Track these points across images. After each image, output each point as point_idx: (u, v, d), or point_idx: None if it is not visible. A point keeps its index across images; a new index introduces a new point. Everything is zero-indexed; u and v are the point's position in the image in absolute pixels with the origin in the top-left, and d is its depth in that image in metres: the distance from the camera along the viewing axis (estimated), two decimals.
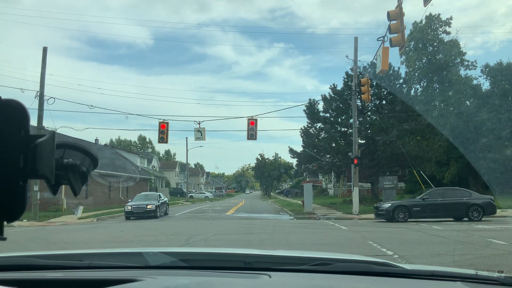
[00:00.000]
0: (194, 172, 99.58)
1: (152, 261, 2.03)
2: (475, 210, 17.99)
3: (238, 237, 12.96)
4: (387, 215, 18.25)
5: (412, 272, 1.86)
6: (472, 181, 38.23)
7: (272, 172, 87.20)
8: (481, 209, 17.99)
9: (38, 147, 0.75)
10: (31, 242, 13.03)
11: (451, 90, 39.00)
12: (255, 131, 23.34)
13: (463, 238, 11.51)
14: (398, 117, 29.30)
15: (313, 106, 31.86)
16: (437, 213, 18.25)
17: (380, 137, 29.88)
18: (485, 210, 18.04)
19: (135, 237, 13.82)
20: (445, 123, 35.31)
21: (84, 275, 1.84)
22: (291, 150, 36.34)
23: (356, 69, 25.10)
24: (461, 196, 18.53)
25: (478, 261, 7.73)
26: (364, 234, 13.09)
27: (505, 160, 33.45)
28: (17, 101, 0.75)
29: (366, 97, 21.40)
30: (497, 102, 35.33)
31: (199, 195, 74.67)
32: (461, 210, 18.10)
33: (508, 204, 22.97)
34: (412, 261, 7.73)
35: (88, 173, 0.96)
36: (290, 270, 1.94)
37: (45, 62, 23.74)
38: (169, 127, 24.07)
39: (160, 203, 25.24)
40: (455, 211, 18.20)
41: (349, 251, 8.94)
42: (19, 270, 1.92)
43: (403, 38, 12.78)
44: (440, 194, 18.95)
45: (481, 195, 19.52)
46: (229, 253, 2.41)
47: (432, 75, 42.47)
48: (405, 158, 27.53)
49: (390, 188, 27.17)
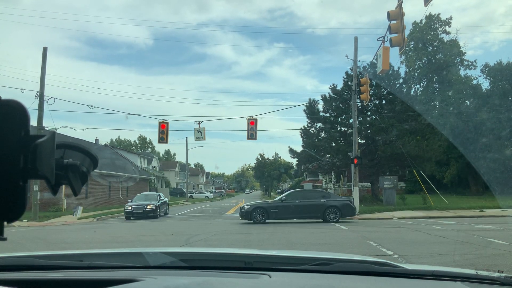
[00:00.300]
0: (194, 172, 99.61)
1: (152, 261, 2.03)
2: (332, 212, 18.23)
3: (238, 237, 12.96)
4: (247, 216, 18.28)
5: (412, 272, 1.86)
6: (472, 180, 38.28)
7: (272, 172, 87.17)
8: (338, 211, 18.27)
9: (38, 147, 0.75)
10: (31, 242, 13.03)
11: (451, 90, 39.01)
12: (255, 131, 23.34)
13: (463, 238, 11.50)
14: (398, 117, 29.30)
15: (313, 106, 31.86)
16: (295, 215, 18.34)
17: (380, 137, 29.89)
18: (342, 211, 18.31)
19: (135, 237, 13.82)
20: (445, 123, 35.32)
21: (84, 275, 1.84)
22: (291, 150, 36.33)
23: (356, 69, 25.09)
24: (319, 198, 18.69)
25: (478, 261, 7.73)
26: (364, 234, 13.09)
27: (505, 160, 33.45)
28: (17, 101, 0.75)
29: (365, 97, 21.39)
30: (497, 102, 35.33)
31: (199, 195, 74.71)
32: (318, 211, 18.24)
33: (508, 203, 22.96)
34: (412, 261, 7.73)
35: (88, 173, 0.96)
36: (290, 270, 1.94)
37: (45, 62, 23.76)
38: (169, 127, 24.07)
39: (160, 203, 25.25)
40: (313, 213, 18.26)
41: (349, 251, 8.94)
42: (19, 270, 1.92)
43: (403, 38, 12.78)
44: (299, 196, 19.08)
45: (340, 197, 19.56)
46: (229, 253, 2.41)
47: (432, 75, 42.48)
48: (405, 158, 27.53)
49: (390, 188, 27.19)
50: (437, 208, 24.10)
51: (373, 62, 28.05)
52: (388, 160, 30.17)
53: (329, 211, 18.24)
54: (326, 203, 18.40)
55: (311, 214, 18.31)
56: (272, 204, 18.81)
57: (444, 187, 37.22)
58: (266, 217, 18.19)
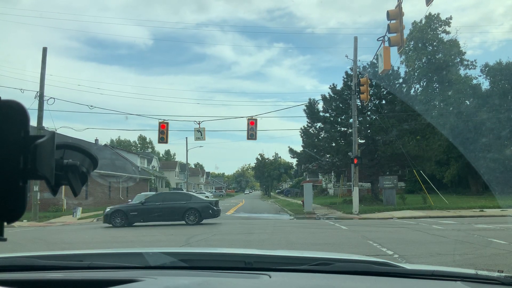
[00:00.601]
0: (194, 172, 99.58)
1: (152, 261, 2.03)
2: (192, 214, 18.18)
3: (238, 237, 12.96)
4: (106, 219, 18.14)
5: (412, 272, 1.86)
6: (472, 180, 38.25)
7: (272, 172, 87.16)
8: (198, 213, 18.22)
9: (38, 148, 0.75)
10: (31, 242, 13.03)
11: (451, 89, 38.99)
12: (255, 131, 23.33)
13: (463, 237, 11.50)
14: (398, 117, 29.28)
15: (313, 106, 31.83)
16: (156, 217, 18.21)
17: (380, 136, 29.87)
18: (202, 214, 18.24)
19: (135, 237, 13.82)
20: (444, 122, 35.30)
21: (84, 275, 1.84)
22: (291, 150, 36.30)
23: (356, 69, 25.09)
24: (179, 200, 18.60)
25: (478, 261, 7.73)
26: (364, 233, 13.08)
27: (505, 160, 33.42)
28: (16, 101, 0.75)
29: (365, 96, 21.38)
30: (497, 102, 35.30)
31: (199, 195, 74.59)
32: (178, 214, 18.14)
33: (508, 203, 22.96)
34: (412, 261, 7.73)
35: (88, 174, 0.96)
36: (290, 270, 1.94)
37: (45, 62, 23.75)
38: (169, 127, 24.07)
39: None
40: (173, 215, 18.13)
41: (349, 251, 8.94)
42: (19, 270, 1.92)
43: (402, 38, 12.78)
44: (160, 199, 19.04)
45: (203, 200, 19.28)
46: (229, 253, 2.41)
47: (431, 74, 42.46)
48: (405, 158, 27.52)
49: (390, 188, 27.19)
50: (437, 208, 24.10)
51: (373, 62, 28.06)
52: (388, 160, 30.16)
53: (189, 214, 18.16)
54: (186, 206, 18.27)
55: (171, 216, 18.11)
56: (132, 207, 18.61)
57: (444, 187, 37.21)
58: (126, 221, 17.96)
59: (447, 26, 42.56)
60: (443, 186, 36.26)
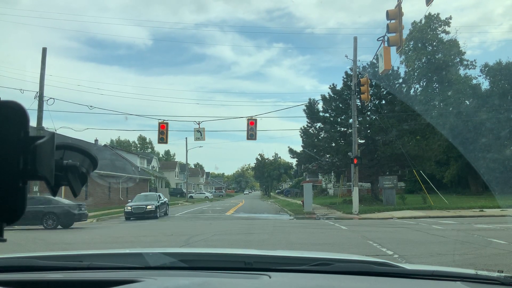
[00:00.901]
0: (194, 172, 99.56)
1: (152, 262, 2.03)
2: (50, 219, 18.18)
3: (238, 237, 12.96)
4: None
5: (412, 272, 1.86)
6: (471, 180, 38.26)
7: (272, 172, 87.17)
8: (57, 218, 18.23)
9: (37, 148, 0.75)
10: (30, 243, 13.03)
11: (451, 89, 38.97)
12: (255, 131, 23.33)
13: (463, 237, 11.50)
14: (398, 117, 29.29)
15: (313, 106, 31.84)
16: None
17: (380, 137, 29.87)
18: (61, 218, 18.26)
19: (135, 237, 13.82)
20: (444, 122, 35.30)
21: (84, 276, 1.84)
22: (291, 150, 36.29)
23: (356, 69, 25.10)
24: (37, 204, 18.18)
25: (478, 261, 7.73)
26: (364, 234, 13.08)
27: (505, 160, 33.44)
28: (16, 102, 0.75)
29: (366, 97, 21.39)
30: (497, 102, 35.30)
31: (199, 195, 74.66)
32: (36, 218, 17.89)
33: (508, 203, 22.97)
34: (412, 261, 7.73)
35: (88, 174, 0.96)
36: (290, 270, 1.94)
37: (44, 62, 23.72)
38: (168, 128, 24.05)
39: (160, 204, 25.23)
40: (31, 219, 17.66)
41: (349, 251, 8.94)
42: (19, 271, 1.92)
43: (401, 38, 12.78)
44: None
45: (64, 204, 18.84)
46: (229, 254, 2.41)
47: (431, 74, 42.44)
48: (405, 158, 27.52)
49: (390, 188, 27.21)
50: (437, 208, 24.11)
51: (373, 62, 28.08)
52: (388, 160, 30.16)
53: (47, 218, 18.13)
54: (44, 210, 18.11)
55: (29, 221, 17.56)
56: None
57: (444, 187, 37.20)
58: None
59: (447, 26, 42.56)
60: (443, 186, 36.25)
